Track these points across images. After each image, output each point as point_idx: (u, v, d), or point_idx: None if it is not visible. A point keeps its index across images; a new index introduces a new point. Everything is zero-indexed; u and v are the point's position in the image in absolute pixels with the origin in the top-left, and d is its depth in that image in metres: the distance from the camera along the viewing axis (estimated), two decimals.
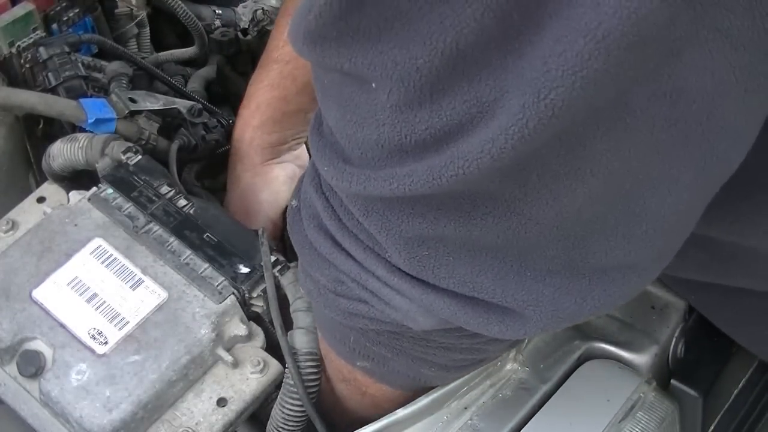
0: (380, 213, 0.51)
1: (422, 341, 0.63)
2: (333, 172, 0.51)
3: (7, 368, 0.76)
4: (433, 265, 0.52)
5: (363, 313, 0.60)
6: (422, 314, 0.55)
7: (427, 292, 0.54)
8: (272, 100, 0.94)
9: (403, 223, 0.50)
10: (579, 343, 0.77)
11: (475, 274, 0.52)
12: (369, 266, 0.55)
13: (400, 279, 0.54)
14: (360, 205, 0.52)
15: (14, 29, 0.96)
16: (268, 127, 0.94)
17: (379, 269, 0.55)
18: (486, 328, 0.54)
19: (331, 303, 0.62)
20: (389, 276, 0.54)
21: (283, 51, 0.92)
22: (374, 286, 0.56)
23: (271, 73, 0.93)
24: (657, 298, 0.80)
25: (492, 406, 0.73)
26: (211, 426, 0.74)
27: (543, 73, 0.39)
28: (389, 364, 0.68)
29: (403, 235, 0.51)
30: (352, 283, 0.58)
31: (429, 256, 0.52)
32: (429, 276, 0.53)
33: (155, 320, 0.76)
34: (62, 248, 0.80)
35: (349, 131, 0.47)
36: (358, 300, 0.59)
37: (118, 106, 0.89)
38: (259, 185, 0.94)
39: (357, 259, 0.56)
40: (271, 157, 0.95)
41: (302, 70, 0.92)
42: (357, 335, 0.66)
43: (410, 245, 0.51)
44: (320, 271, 0.60)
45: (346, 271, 0.57)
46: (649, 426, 0.72)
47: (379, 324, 0.60)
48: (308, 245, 0.60)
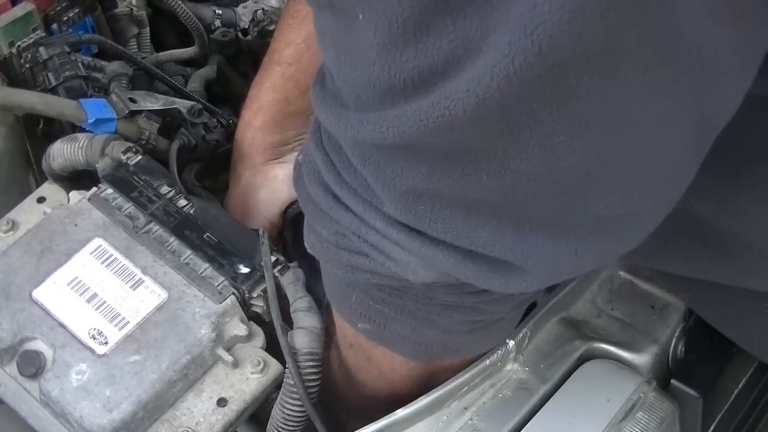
0: (376, 164, 0.51)
1: (424, 298, 0.62)
2: (331, 118, 0.51)
3: (7, 368, 0.76)
4: (429, 219, 0.52)
5: (364, 266, 0.59)
6: (422, 266, 0.55)
7: (425, 244, 0.53)
8: (274, 101, 0.94)
9: (397, 176, 0.50)
10: (579, 343, 0.77)
11: (472, 229, 0.51)
12: (367, 219, 0.55)
13: (398, 231, 0.54)
14: (357, 153, 0.52)
15: (14, 29, 0.96)
16: (269, 128, 0.94)
17: (378, 222, 0.55)
18: (486, 282, 0.54)
19: (333, 256, 0.61)
20: (388, 228, 0.54)
21: (285, 53, 0.93)
22: (373, 239, 0.56)
23: (273, 75, 0.93)
24: (657, 298, 0.80)
25: (492, 406, 0.73)
26: (211, 426, 0.74)
27: (529, 9, 0.39)
28: (391, 325, 0.67)
29: (398, 187, 0.51)
30: (352, 236, 0.58)
31: (425, 210, 0.52)
32: (426, 229, 0.53)
33: (155, 320, 0.76)
34: (62, 248, 0.80)
35: (343, 72, 0.48)
36: (359, 253, 0.59)
37: (118, 106, 0.89)
38: (258, 183, 0.95)
39: (356, 213, 0.56)
40: (273, 157, 0.96)
41: (304, 72, 0.92)
42: (360, 294, 0.65)
43: (406, 198, 0.51)
44: (322, 224, 0.60)
45: (345, 225, 0.57)
46: (649, 426, 0.72)
47: (380, 278, 0.60)
48: (310, 200, 0.60)
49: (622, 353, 0.77)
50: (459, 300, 0.62)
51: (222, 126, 0.98)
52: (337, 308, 0.71)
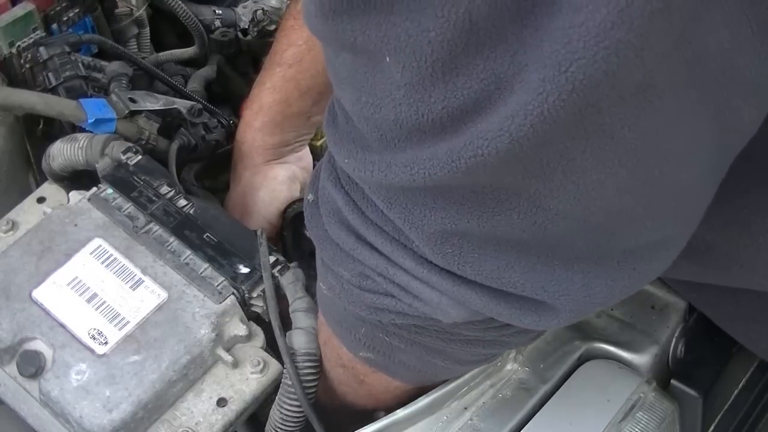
0: (403, 206, 0.50)
1: (446, 334, 0.62)
2: (353, 162, 0.50)
3: (7, 368, 0.76)
4: (458, 261, 0.51)
5: (390, 307, 0.58)
6: (453, 306, 0.54)
7: (457, 284, 0.52)
8: (274, 102, 0.94)
9: (426, 218, 0.49)
10: (579, 344, 0.77)
11: (503, 270, 0.51)
12: (396, 259, 0.54)
13: (429, 271, 0.53)
14: (383, 196, 0.51)
15: (14, 29, 0.96)
16: (269, 129, 0.94)
17: (407, 261, 0.53)
18: (519, 319, 0.53)
19: (355, 299, 0.60)
20: (418, 268, 0.53)
21: (286, 54, 0.93)
22: (402, 280, 0.55)
23: (274, 76, 0.94)
24: (657, 298, 0.80)
25: (492, 406, 0.73)
26: (211, 426, 0.74)
27: (563, 45, 0.38)
28: (397, 355, 0.66)
29: (426, 229, 0.50)
30: (378, 277, 0.56)
31: (454, 253, 0.51)
32: (455, 270, 0.52)
33: (155, 320, 0.76)
34: (62, 248, 0.80)
35: (366, 114, 0.47)
36: (385, 294, 0.57)
37: (118, 106, 0.89)
38: (257, 183, 0.95)
39: (383, 252, 0.54)
40: (273, 157, 0.96)
41: (305, 74, 0.92)
42: (370, 327, 0.64)
43: (434, 240, 0.51)
44: (343, 266, 0.58)
45: (371, 266, 0.56)
46: (649, 426, 0.72)
47: (406, 318, 0.59)
48: (329, 241, 0.58)
49: (622, 353, 0.77)
50: (482, 335, 0.61)
51: (222, 126, 0.98)
52: (340, 335, 0.70)
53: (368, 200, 0.54)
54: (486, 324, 0.59)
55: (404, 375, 0.71)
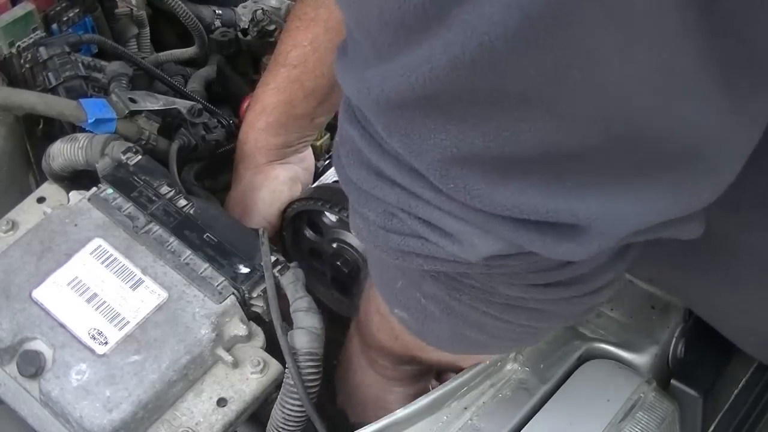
0: (402, 131, 0.46)
1: (484, 293, 0.57)
2: (355, 85, 0.46)
3: (7, 368, 0.76)
4: (466, 194, 0.47)
5: (416, 249, 0.54)
6: (480, 236, 0.49)
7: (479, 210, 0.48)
8: (278, 103, 0.94)
9: (425, 143, 0.45)
10: (579, 344, 0.77)
11: (516, 197, 0.46)
12: (415, 190, 0.50)
13: (449, 199, 0.48)
14: (383, 120, 0.47)
15: (14, 29, 0.96)
16: (272, 130, 0.94)
17: (426, 191, 0.49)
18: (554, 249, 0.48)
19: (382, 241, 0.56)
20: (438, 197, 0.49)
21: (290, 55, 0.93)
22: (425, 212, 0.51)
23: (278, 77, 0.93)
24: (657, 298, 0.80)
25: (492, 406, 0.73)
26: (211, 426, 0.74)
27: None
28: (431, 323, 0.63)
29: (426, 158, 0.46)
30: (402, 213, 0.52)
31: (458, 187, 0.47)
32: (468, 201, 0.47)
33: (155, 320, 0.76)
34: (62, 248, 0.80)
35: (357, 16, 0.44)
36: (410, 234, 0.53)
37: (118, 106, 0.89)
38: (258, 183, 0.95)
39: (402, 185, 0.51)
40: (275, 158, 0.96)
41: (310, 75, 0.92)
42: (406, 283, 0.61)
43: (437, 171, 0.47)
44: (368, 206, 0.55)
45: (393, 202, 0.52)
46: (649, 426, 0.72)
47: (435, 263, 0.54)
48: (352, 183, 0.55)
49: (622, 353, 0.77)
50: (523, 293, 0.56)
51: (222, 126, 0.98)
52: (378, 286, 0.67)
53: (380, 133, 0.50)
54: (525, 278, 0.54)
55: (437, 343, 0.68)
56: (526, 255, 0.51)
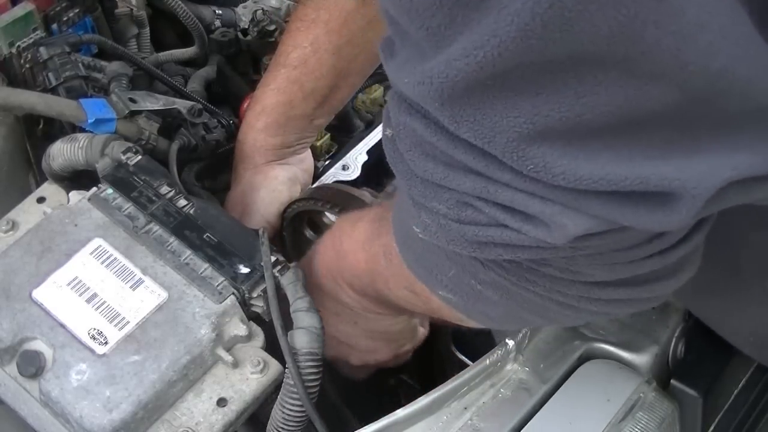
0: (471, 118, 0.44)
1: (566, 272, 0.53)
2: (414, 79, 0.44)
3: (7, 368, 0.76)
4: (547, 174, 0.45)
5: (496, 238, 0.50)
6: (568, 215, 0.47)
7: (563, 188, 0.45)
8: (278, 104, 0.94)
9: (498, 125, 0.43)
10: (579, 344, 0.77)
11: (600, 169, 0.44)
12: (493, 174, 0.47)
13: (531, 179, 0.46)
14: (448, 111, 0.45)
15: (14, 29, 0.96)
16: (272, 131, 0.94)
17: (506, 174, 0.46)
18: (647, 218, 0.46)
19: (455, 235, 0.53)
20: (518, 178, 0.46)
21: (291, 56, 0.93)
22: (505, 196, 0.48)
23: (278, 78, 0.94)
24: None
25: (492, 406, 0.73)
26: (211, 426, 0.74)
27: None
28: (480, 305, 0.60)
29: (500, 141, 0.44)
30: (478, 201, 0.49)
31: (538, 167, 0.44)
32: (552, 180, 0.45)
33: (155, 320, 0.76)
34: (62, 248, 0.80)
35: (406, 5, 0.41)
36: (489, 224, 0.50)
37: (118, 106, 0.89)
38: (258, 183, 0.95)
39: (478, 170, 0.48)
40: (274, 158, 0.96)
41: (309, 76, 0.92)
42: (460, 271, 0.58)
43: (513, 154, 0.44)
44: (437, 199, 0.51)
45: (468, 190, 0.49)
46: (649, 426, 0.72)
47: (516, 251, 0.51)
48: (415, 178, 0.52)
49: (621, 353, 0.77)
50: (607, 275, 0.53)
51: (222, 126, 0.98)
52: (421, 275, 0.64)
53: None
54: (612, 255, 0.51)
55: (483, 321, 0.65)
56: (617, 231, 0.48)
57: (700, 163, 0.44)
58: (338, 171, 1.02)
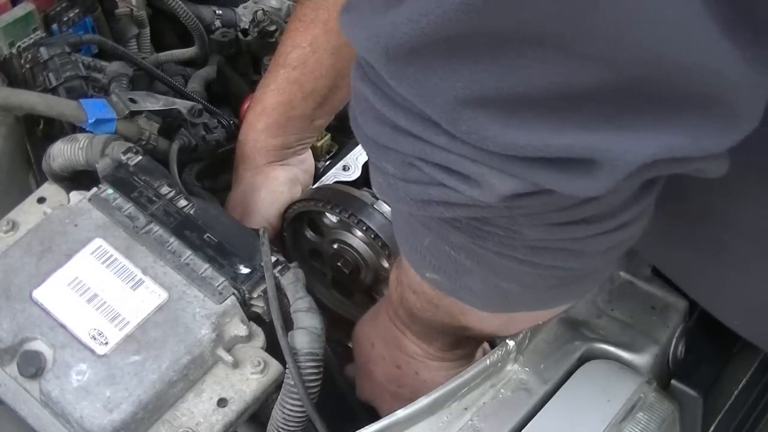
0: (412, 77, 0.46)
1: (507, 237, 0.56)
2: (363, 35, 0.46)
3: (7, 368, 0.76)
4: (478, 137, 0.47)
5: (436, 197, 0.54)
6: (497, 176, 0.49)
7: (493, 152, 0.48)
8: (278, 104, 0.94)
9: (437, 86, 0.46)
10: (579, 344, 0.77)
11: (528, 135, 0.46)
12: (429, 137, 0.50)
13: (463, 142, 0.49)
14: (393, 68, 0.47)
15: (14, 29, 0.96)
16: (272, 131, 0.95)
17: (441, 137, 0.50)
18: (571, 184, 0.48)
19: (402, 193, 0.56)
20: (452, 142, 0.49)
21: (290, 56, 0.93)
22: (441, 158, 0.51)
23: (278, 78, 0.94)
24: (657, 298, 0.80)
25: (492, 407, 0.73)
26: (212, 426, 0.74)
27: None
28: (462, 278, 0.63)
29: (438, 101, 0.47)
30: (419, 162, 0.53)
31: (471, 130, 0.47)
32: (480, 146, 0.48)
33: (155, 320, 0.76)
34: (62, 248, 0.80)
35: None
36: (429, 183, 0.54)
37: (119, 106, 0.89)
38: (258, 184, 0.95)
39: (416, 134, 0.51)
40: (275, 159, 0.96)
41: (309, 76, 0.92)
42: (434, 238, 0.61)
43: (448, 114, 0.47)
44: (386, 160, 0.55)
45: (410, 152, 0.52)
46: (650, 426, 0.72)
47: (456, 210, 0.55)
48: (369, 140, 0.56)
49: (622, 353, 0.77)
50: (547, 235, 0.56)
51: (222, 126, 0.98)
52: (406, 252, 0.67)
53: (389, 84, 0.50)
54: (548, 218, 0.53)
55: (473, 300, 0.67)
56: (544, 193, 0.50)
57: (625, 137, 0.46)
58: (339, 171, 1.02)
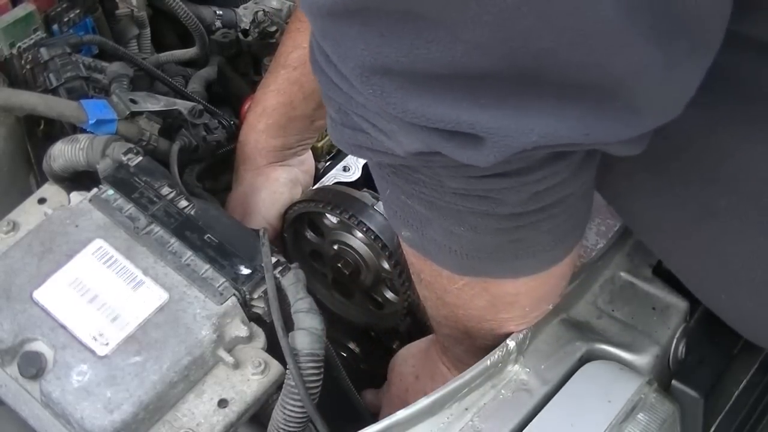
0: (332, 37, 0.52)
1: (433, 180, 0.61)
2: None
3: (8, 369, 0.76)
4: (383, 101, 0.52)
5: (364, 143, 0.59)
6: (403, 134, 0.55)
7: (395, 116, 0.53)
8: (278, 105, 0.94)
9: (350, 50, 0.51)
10: (580, 345, 0.77)
11: (426, 107, 0.51)
12: (349, 91, 0.55)
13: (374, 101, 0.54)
14: (318, 25, 0.52)
15: (15, 30, 0.96)
16: (273, 132, 0.95)
17: (357, 94, 0.55)
18: (459, 154, 0.54)
19: (340, 136, 0.61)
20: (366, 99, 0.54)
21: (291, 57, 0.93)
22: (361, 111, 0.56)
23: (278, 79, 0.94)
24: (658, 299, 0.80)
25: (493, 408, 0.73)
26: (212, 427, 0.74)
27: None
28: (426, 230, 0.66)
29: (350, 63, 0.51)
30: (348, 111, 0.58)
31: (376, 93, 0.52)
32: (384, 107, 0.53)
33: (156, 321, 0.76)
34: (63, 249, 0.80)
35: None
36: (358, 129, 0.59)
37: (119, 107, 0.89)
38: (259, 184, 0.95)
39: (340, 87, 0.56)
40: (275, 160, 0.96)
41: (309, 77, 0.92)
42: (393, 190, 0.65)
43: (359, 76, 0.52)
44: (328, 103, 0.60)
45: (339, 101, 0.58)
46: (650, 427, 0.72)
47: (380, 156, 0.60)
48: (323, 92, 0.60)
49: (623, 354, 0.77)
50: (465, 186, 0.60)
51: (223, 127, 0.98)
52: (389, 217, 0.70)
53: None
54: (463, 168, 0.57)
55: (440, 256, 0.69)
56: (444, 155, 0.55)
57: (510, 120, 0.51)
58: (339, 172, 1.02)
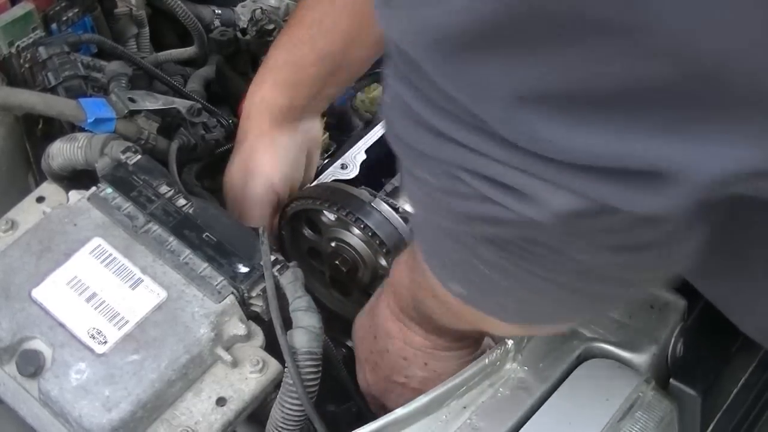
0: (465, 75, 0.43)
1: (558, 254, 0.51)
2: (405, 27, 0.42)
3: (6, 368, 0.76)
4: (538, 141, 0.43)
5: (481, 213, 0.49)
6: (552, 191, 0.45)
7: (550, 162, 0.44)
8: (286, 63, 0.92)
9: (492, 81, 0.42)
10: (578, 343, 0.77)
11: (591, 141, 0.42)
12: (478, 146, 0.46)
13: (517, 151, 0.44)
14: (441, 64, 0.43)
15: (14, 29, 0.96)
16: (280, 89, 0.93)
17: (492, 147, 0.45)
18: (631, 200, 0.44)
19: (442, 206, 0.52)
20: (503, 151, 0.45)
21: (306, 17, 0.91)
22: (492, 170, 0.46)
23: (292, 37, 0.92)
24: (656, 297, 0.80)
25: (491, 406, 0.73)
26: (211, 425, 0.74)
27: None
28: (492, 295, 0.58)
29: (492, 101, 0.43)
30: (465, 174, 0.48)
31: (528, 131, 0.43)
32: (536, 149, 0.44)
33: (154, 320, 0.76)
34: (61, 248, 0.80)
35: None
36: (475, 197, 0.49)
37: (118, 105, 0.89)
38: (263, 146, 0.93)
39: (464, 143, 0.46)
40: (281, 120, 0.94)
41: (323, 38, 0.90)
42: (465, 253, 0.55)
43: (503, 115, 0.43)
44: (427, 170, 0.50)
45: (456, 162, 0.48)
46: (648, 425, 0.72)
47: (502, 227, 0.50)
48: (405, 146, 0.51)
49: (620, 352, 0.77)
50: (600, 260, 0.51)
51: (221, 126, 0.98)
52: (429, 261, 0.62)
53: (433, 85, 0.45)
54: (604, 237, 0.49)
55: (500, 314, 0.62)
56: (605, 213, 0.46)
57: (700, 148, 0.42)
58: (337, 170, 1.02)
